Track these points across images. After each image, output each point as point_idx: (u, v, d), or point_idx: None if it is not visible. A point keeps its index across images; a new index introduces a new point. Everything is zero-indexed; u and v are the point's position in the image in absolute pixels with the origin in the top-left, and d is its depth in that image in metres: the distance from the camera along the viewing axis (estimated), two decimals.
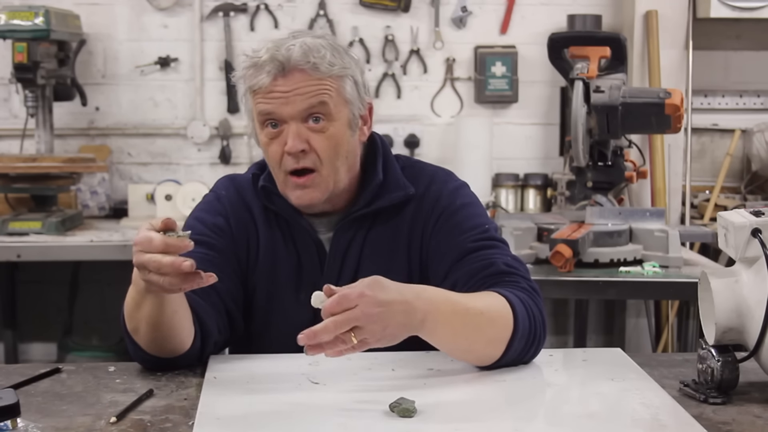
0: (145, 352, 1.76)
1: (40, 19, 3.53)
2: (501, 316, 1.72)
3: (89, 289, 4.15)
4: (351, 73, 1.87)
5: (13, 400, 1.47)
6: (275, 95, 1.83)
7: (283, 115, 1.83)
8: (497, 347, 1.72)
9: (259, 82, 1.83)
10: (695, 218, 4.06)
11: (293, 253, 1.94)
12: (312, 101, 1.82)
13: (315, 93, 1.83)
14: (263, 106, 1.84)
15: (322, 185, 1.86)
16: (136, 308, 1.71)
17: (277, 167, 1.87)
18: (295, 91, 1.82)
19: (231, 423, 1.51)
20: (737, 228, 1.63)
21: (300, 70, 1.82)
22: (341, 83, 1.86)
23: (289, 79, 1.82)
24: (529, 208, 4.13)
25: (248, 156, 4.16)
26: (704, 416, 1.54)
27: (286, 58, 1.81)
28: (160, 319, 1.70)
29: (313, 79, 1.82)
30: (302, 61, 1.81)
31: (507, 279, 1.82)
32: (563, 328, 4.33)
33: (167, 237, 1.59)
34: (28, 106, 3.70)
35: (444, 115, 4.22)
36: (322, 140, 1.84)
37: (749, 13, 3.94)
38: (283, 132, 1.84)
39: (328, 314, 1.54)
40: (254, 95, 1.85)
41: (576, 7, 4.15)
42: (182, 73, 4.14)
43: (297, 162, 1.84)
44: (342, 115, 1.86)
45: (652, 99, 3.17)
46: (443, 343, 1.71)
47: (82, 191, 4.00)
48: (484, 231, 1.91)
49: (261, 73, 1.82)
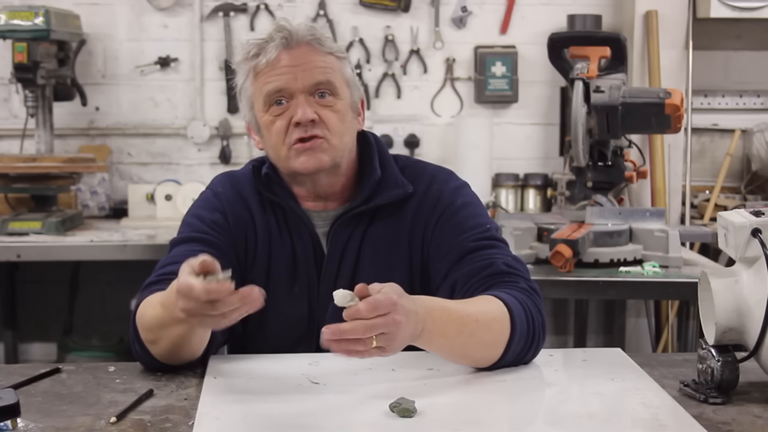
0: (154, 359, 1.76)
1: (40, 19, 3.53)
2: (497, 320, 1.72)
3: (89, 289, 4.15)
4: (348, 58, 1.94)
5: (13, 400, 1.47)
6: (282, 70, 1.85)
7: (291, 89, 1.85)
8: (494, 350, 1.72)
9: (265, 57, 1.84)
10: (695, 218, 4.06)
11: (288, 245, 1.94)
12: (320, 77, 1.86)
13: (322, 69, 1.86)
14: (270, 84, 1.85)
15: (330, 151, 1.87)
16: (161, 327, 1.70)
17: (280, 142, 1.87)
18: (303, 66, 1.85)
19: (231, 423, 1.51)
20: (737, 228, 1.63)
21: (306, 44, 1.86)
22: (342, 64, 1.91)
23: (295, 52, 1.86)
24: (529, 208, 4.13)
25: (248, 156, 4.15)
26: (704, 416, 1.54)
27: (291, 32, 1.85)
28: (187, 341, 1.71)
29: (318, 53, 1.87)
30: (307, 35, 1.86)
31: (507, 279, 1.82)
32: (563, 328, 4.33)
33: (208, 283, 1.51)
34: (28, 106, 3.70)
35: (444, 115, 4.22)
36: (330, 113, 1.87)
37: (749, 13, 3.94)
38: (290, 107, 1.85)
39: (358, 316, 1.50)
40: (258, 77, 1.87)
41: (576, 7, 4.15)
42: (182, 73, 4.14)
43: (305, 131, 1.85)
44: (345, 95, 1.90)
45: (652, 99, 3.17)
46: (439, 350, 1.70)
47: (82, 191, 4.00)
48: (485, 231, 1.91)
49: (266, 50, 1.85)
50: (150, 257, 3.41)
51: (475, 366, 1.75)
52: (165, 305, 1.67)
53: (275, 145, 1.88)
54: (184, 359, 1.77)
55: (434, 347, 1.69)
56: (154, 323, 1.72)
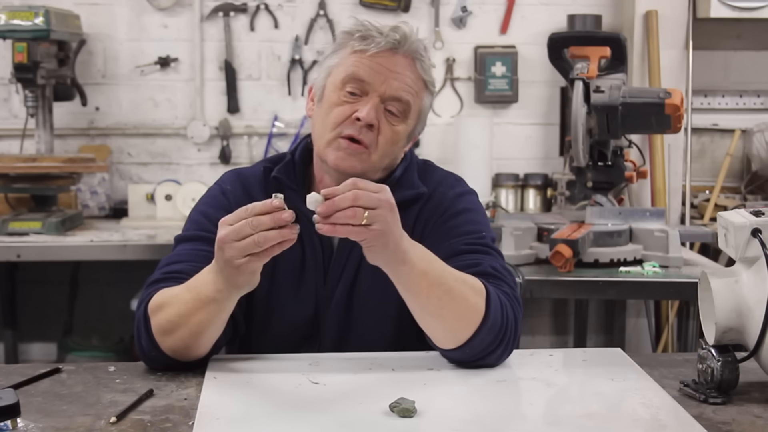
0: (162, 355, 1.75)
1: (40, 19, 3.53)
2: (475, 295, 1.73)
3: (89, 289, 4.15)
4: (434, 93, 1.96)
5: (13, 400, 1.47)
6: (377, 67, 1.85)
7: (373, 87, 1.85)
8: (465, 326, 1.71)
9: (371, 45, 1.84)
10: (695, 218, 4.06)
11: (297, 248, 1.93)
12: (403, 94, 1.86)
13: (409, 88, 1.87)
14: (360, 70, 1.85)
15: (367, 163, 1.87)
16: (187, 314, 1.71)
17: (331, 128, 1.87)
18: (396, 75, 1.86)
19: (231, 423, 1.51)
20: (737, 228, 1.63)
21: (408, 57, 1.87)
22: (426, 95, 1.92)
23: (397, 59, 1.86)
24: (529, 208, 4.13)
25: (248, 156, 4.16)
26: (704, 416, 1.54)
27: (406, 39, 1.86)
28: (208, 329, 1.72)
29: (415, 72, 1.88)
30: (417, 52, 1.88)
31: (491, 281, 1.80)
32: (563, 328, 4.33)
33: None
34: (28, 106, 3.69)
35: (444, 115, 4.22)
36: (389, 130, 1.87)
37: (749, 13, 3.94)
38: (360, 102, 1.85)
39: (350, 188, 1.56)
40: (352, 55, 1.87)
41: (576, 7, 4.15)
42: (182, 73, 4.14)
43: (359, 133, 1.85)
44: (411, 123, 1.91)
45: (652, 99, 3.17)
46: (416, 296, 1.70)
47: (82, 191, 4.00)
48: (480, 237, 1.90)
49: (375, 40, 1.85)
50: (150, 257, 3.41)
51: (444, 339, 1.74)
52: (192, 288, 1.69)
53: (325, 125, 1.88)
54: (195, 354, 1.76)
55: (413, 286, 1.68)
56: (175, 311, 1.71)
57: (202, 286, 1.67)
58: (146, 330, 1.76)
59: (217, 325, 1.73)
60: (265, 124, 4.16)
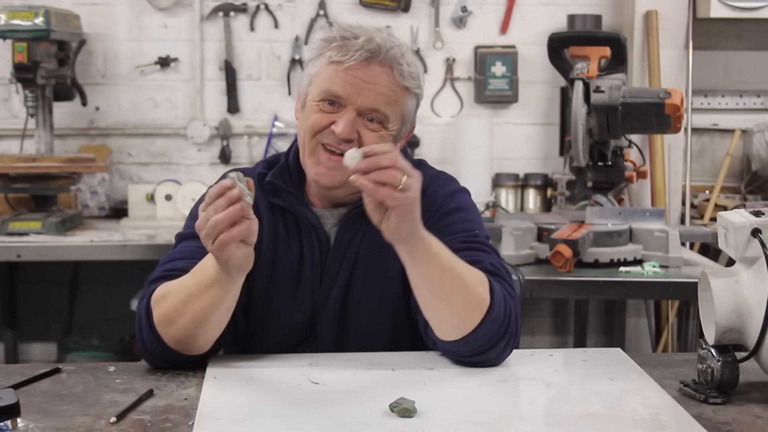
0: (164, 347, 1.75)
1: (40, 19, 3.53)
2: (481, 285, 1.73)
3: (89, 289, 4.14)
4: (419, 95, 1.93)
5: (13, 400, 1.47)
6: (351, 80, 1.83)
7: (349, 101, 1.84)
8: (471, 314, 1.72)
9: (346, 56, 1.83)
10: (695, 218, 4.06)
11: (296, 249, 1.94)
12: (379, 105, 1.85)
13: (387, 98, 1.85)
14: (334, 85, 1.84)
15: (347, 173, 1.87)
16: (191, 300, 1.72)
17: (310, 135, 1.87)
18: (371, 87, 1.84)
19: (231, 423, 1.51)
20: (737, 228, 1.63)
21: (386, 66, 1.85)
22: (407, 98, 1.90)
23: (373, 69, 1.84)
24: (529, 208, 4.13)
25: (248, 156, 4.16)
26: (704, 416, 1.54)
27: (380, 49, 1.83)
28: (211, 316, 1.72)
29: (392, 81, 1.86)
30: (392, 60, 1.85)
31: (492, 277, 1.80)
32: (563, 328, 4.33)
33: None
34: (28, 106, 3.69)
35: (444, 115, 4.22)
36: (371, 137, 1.85)
37: (749, 13, 3.94)
38: (338, 113, 1.85)
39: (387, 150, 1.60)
40: (328, 66, 1.86)
41: (576, 7, 4.14)
42: (182, 73, 4.14)
43: (338, 143, 1.85)
44: (394, 128, 1.89)
45: (652, 99, 3.17)
46: (428, 276, 1.70)
47: (82, 191, 4.00)
48: (473, 235, 1.90)
49: (351, 50, 1.83)
50: (150, 257, 3.41)
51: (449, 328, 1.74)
52: (196, 272, 1.71)
53: (306, 132, 1.88)
54: (197, 346, 1.76)
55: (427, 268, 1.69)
56: (183, 297, 1.72)
57: (204, 270, 1.70)
58: (148, 322, 1.76)
59: (221, 311, 1.73)
60: (265, 124, 4.16)
